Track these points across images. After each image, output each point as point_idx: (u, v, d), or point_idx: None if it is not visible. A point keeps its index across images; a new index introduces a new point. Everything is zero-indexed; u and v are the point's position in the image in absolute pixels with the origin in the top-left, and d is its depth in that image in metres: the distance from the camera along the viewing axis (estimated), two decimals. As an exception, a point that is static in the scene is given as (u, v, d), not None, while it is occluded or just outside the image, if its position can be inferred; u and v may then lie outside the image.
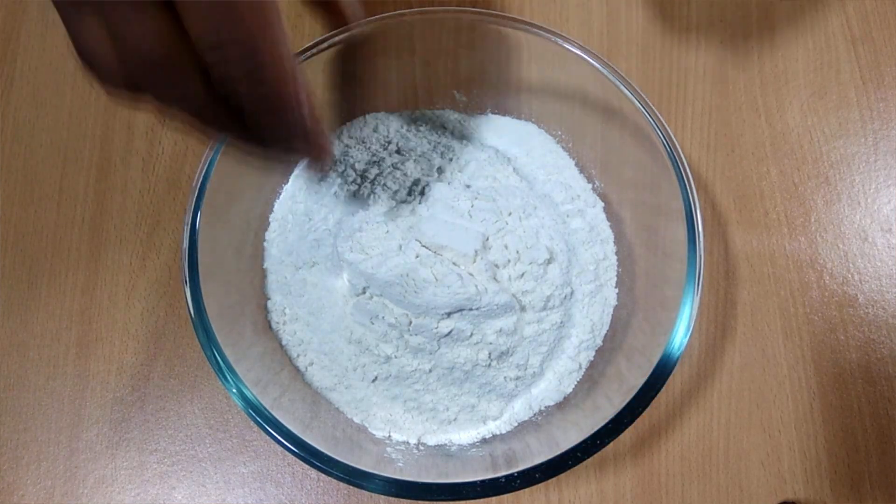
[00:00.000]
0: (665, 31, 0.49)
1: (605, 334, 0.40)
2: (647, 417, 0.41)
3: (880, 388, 0.42)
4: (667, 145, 0.37)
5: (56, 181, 0.46)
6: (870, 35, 0.48)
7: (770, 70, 0.48)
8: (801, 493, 0.40)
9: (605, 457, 0.41)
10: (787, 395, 0.42)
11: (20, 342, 0.43)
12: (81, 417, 0.42)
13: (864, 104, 0.47)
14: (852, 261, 0.44)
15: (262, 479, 0.41)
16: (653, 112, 0.37)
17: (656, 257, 0.40)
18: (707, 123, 0.47)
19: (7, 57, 0.48)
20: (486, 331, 0.37)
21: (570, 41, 0.38)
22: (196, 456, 0.41)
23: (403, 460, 0.37)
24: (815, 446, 0.41)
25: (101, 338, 0.43)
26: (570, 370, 0.39)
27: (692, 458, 0.41)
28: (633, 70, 0.48)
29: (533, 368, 0.38)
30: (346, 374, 0.38)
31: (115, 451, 0.41)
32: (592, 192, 0.43)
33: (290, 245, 0.41)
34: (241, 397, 0.34)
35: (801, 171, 0.46)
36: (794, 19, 0.49)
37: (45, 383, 0.42)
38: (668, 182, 0.37)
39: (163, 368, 0.42)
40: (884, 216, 0.45)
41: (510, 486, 0.33)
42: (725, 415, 0.41)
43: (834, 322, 0.43)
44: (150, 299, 0.43)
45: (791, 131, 0.47)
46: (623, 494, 0.40)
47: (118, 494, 0.41)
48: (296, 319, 0.40)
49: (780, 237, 0.44)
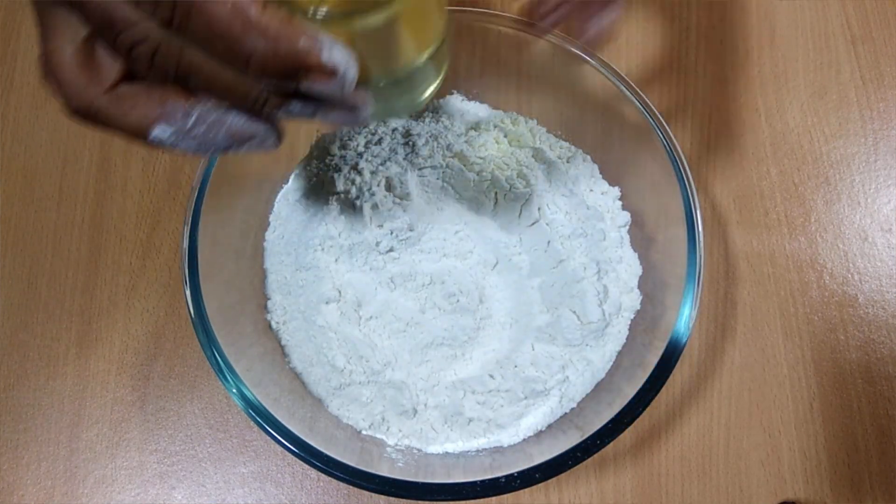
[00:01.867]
0: (665, 31, 0.49)
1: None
2: (647, 417, 0.41)
3: (880, 388, 0.42)
4: (667, 145, 0.37)
5: (56, 181, 0.46)
6: (870, 35, 0.48)
7: (770, 70, 0.48)
8: (801, 493, 0.40)
9: (605, 457, 0.41)
10: (787, 395, 0.42)
11: (20, 342, 0.43)
12: (81, 417, 0.42)
13: (864, 104, 0.47)
14: (852, 261, 0.44)
15: (262, 479, 0.41)
16: (653, 112, 0.37)
17: (656, 257, 0.40)
18: (707, 123, 0.47)
19: (7, 57, 0.48)
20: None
21: (570, 41, 0.38)
22: (196, 456, 0.41)
23: (403, 460, 0.37)
24: (815, 446, 0.41)
25: (101, 338, 0.43)
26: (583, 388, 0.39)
27: (692, 458, 0.41)
28: (633, 70, 0.48)
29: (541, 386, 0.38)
30: (345, 374, 0.38)
31: (115, 451, 0.41)
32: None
33: (290, 245, 0.41)
34: (241, 397, 0.34)
35: (801, 171, 0.46)
36: (794, 19, 0.49)
37: (45, 383, 0.42)
38: (668, 182, 0.37)
39: (163, 368, 0.42)
40: (884, 216, 0.45)
41: (510, 486, 0.33)
42: (725, 415, 0.41)
43: (834, 322, 0.43)
44: (150, 299, 0.43)
45: (791, 131, 0.46)
46: (623, 494, 0.40)
47: (118, 494, 0.40)
48: (296, 319, 0.40)
49: (780, 237, 0.44)
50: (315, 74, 0.20)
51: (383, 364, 0.38)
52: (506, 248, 0.40)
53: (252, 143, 0.24)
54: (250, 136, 0.24)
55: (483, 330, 0.39)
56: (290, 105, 0.23)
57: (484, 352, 0.39)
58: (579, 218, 0.40)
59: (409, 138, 0.41)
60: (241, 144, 0.24)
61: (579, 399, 0.38)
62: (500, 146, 0.42)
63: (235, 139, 0.24)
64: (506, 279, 0.40)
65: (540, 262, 0.39)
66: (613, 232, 0.41)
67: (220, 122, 0.23)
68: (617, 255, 0.40)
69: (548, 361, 0.38)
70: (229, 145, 0.24)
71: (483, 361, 0.39)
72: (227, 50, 0.20)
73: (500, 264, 0.40)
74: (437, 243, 0.39)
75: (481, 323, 0.39)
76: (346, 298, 0.39)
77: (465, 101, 0.44)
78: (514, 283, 0.40)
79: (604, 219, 0.41)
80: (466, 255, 0.40)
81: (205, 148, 0.24)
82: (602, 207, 0.41)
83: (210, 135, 0.24)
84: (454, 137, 0.41)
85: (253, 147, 0.24)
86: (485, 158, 0.40)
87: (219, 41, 0.20)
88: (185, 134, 0.23)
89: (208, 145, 0.24)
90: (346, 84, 0.21)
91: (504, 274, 0.40)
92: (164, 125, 0.23)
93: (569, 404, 0.38)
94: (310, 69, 0.20)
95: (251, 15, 0.20)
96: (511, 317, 0.40)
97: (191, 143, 0.24)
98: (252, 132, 0.24)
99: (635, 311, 0.40)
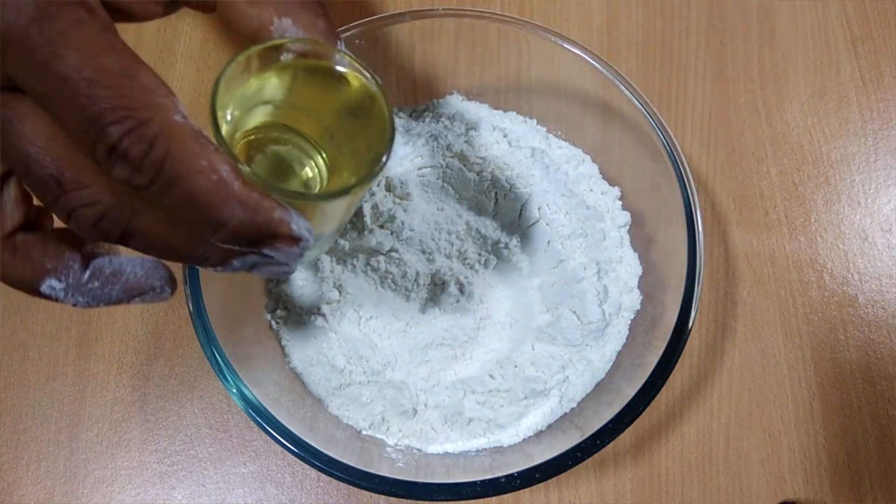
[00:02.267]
0: (665, 31, 0.49)
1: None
2: (647, 417, 0.41)
3: (880, 388, 0.42)
4: (667, 145, 0.37)
5: (56, 181, 0.46)
6: (870, 35, 0.48)
7: (770, 70, 0.48)
8: (801, 493, 0.40)
9: (605, 457, 0.41)
10: (787, 395, 0.42)
11: (20, 342, 0.43)
12: (81, 417, 0.42)
13: (864, 104, 0.47)
14: (852, 261, 0.44)
15: (262, 479, 0.41)
16: (653, 112, 0.37)
17: (656, 257, 0.40)
18: (707, 123, 0.47)
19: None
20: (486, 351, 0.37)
21: (570, 41, 0.38)
22: (196, 456, 0.41)
23: (403, 460, 0.37)
24: (815, 446, 0.41)
25: (101, 338, 0.43)
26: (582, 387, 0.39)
27: (692, 458, 0.41)
28: (633, 70, 0.48)
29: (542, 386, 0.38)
30: (345, 374, 0.38)
31: (115, 451, 0.41)
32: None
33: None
34: (241, 397, 0.34)
35: (801, 171, 0.46)
36: (794, 19, 0.49)
37: (45, 383, 0.42)
38: (668, 182, 0.37)
39: (163, 368, 0.42)
40: (884, 216, 0.45)
41: (510, 486, 0.33)
42: (725, 415, 0.41)
43: (834, 322, 0.43)
44: (150, 299, 0.43)
45: (791, 131, 0.47)
46: (623, 494, 0.40)
47: (118, 494, 0.41)
48: (296, 319, 0.40)
49: (780, 237, 0.44)
50: (283, 240, 0.22)
51: (383, 364, 0.38)
52: (506, 248, 0.40)
53: (147, 296, 0.24)
54: (149, 289, 0.24)
55: (483, 330, 0.39)
56: (232, 263, 0.23)
57: (484, 352, 0.39)
58: (579, 218, 0.40)
59: (409, 138, 0.41)
60: (135, 297, 0.24)
61: (579, 399, 0.38)
62: (499, 146, 0.42)
63: (132, 293, 0.24)
64: (506, 279, 0.40)
65: (540, 262, 0.39)
66: (613, 232, 0.41)
67: (116, 276, 0.23)
68: (617, 255, 0.40)
69: (548, 361, 0.38)
70: (123, 299, 0.24)
71: (483, 361, 0.39)
72: (199, 217, 0.20)
73: (500, 264, 0.40)
74: (436, 243, 0.39)
75: (481, 323, 0.39)
76: (346, 298, 0.39)
77: (465, 101, 0.44)
78: (514, 283, 0.40)
79: (604, 219, 0.41)
80: (466, 255, 0.40)
81: (96, 302, 0.24)
82: (602, 207, 0.41)
83: (105, 289, 0.24)
84: (454, 137, 0.41)
85: (147, 299, 0.24)
86: (485, 158, 0.40)
87: (194, 209, 0.20)
88: (77, 289, 0.23)
89: (100, 299, 0.24)
90: (306, 249, 0.22)
91: (504, 274, 0.40)
92: (55, 280, 0.23)
93: (569, 404, 0.38)
94: (278, 237, 0.21)
95: (234, 188, 0.20)
96: (511, 317, 0.40)
97: (81, 298, 0.23)
98: (150, 285, 0.24)
99: (635, 311, 0.40)
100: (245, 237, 0.21)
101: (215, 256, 0.22)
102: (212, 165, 0.20)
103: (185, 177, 0.19)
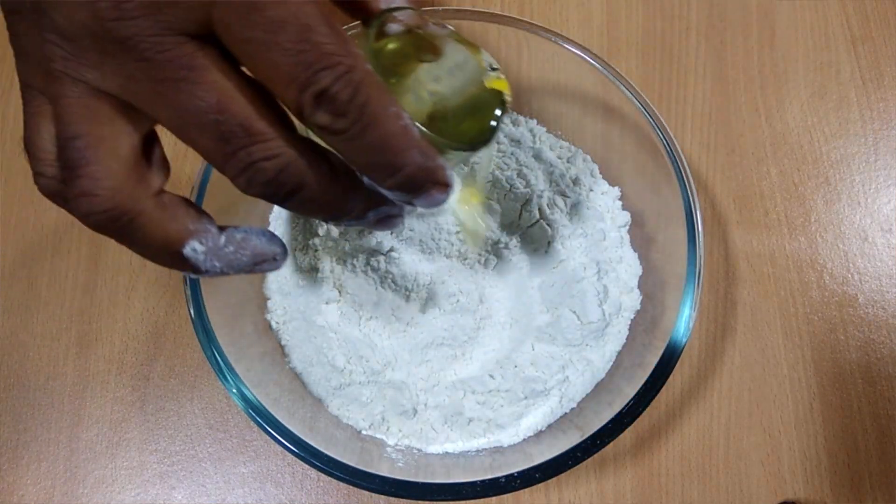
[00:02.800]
0: (665, 31, 0.49)
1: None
2: (647, 417, 0.41)
3: (880, 388, 0.42)
4: (667, 145, 0.37)
5: (56, 181, 0.46)
6: (870, 35, 0.48)
7: (770, 70, 0.48)
8: (801, 493, 0.40)
9: (605, 457, 0.41)
10: (787, 395, 0.42)
11: (20, 342, 0.43)
12: (81, 417, 0.42)
13: (864, 104, 0.47)
14: (852, 261, 0.44)
15: (262, 479, 0.41)
16: (653, 112, 0.37)
17: (656, 257, 0.40)
18: (707, 123, 0.47)
19: (7, 57, 0.48)
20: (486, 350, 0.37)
21: (569, 41, 0.38)
22: (196, 456, 0.41)
23: (403, 460, 0.37)
24: (815, 446, 0.41)
25: (101, 338, 0.43)
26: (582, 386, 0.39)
27: (692, 458, 0.41)
28: (633, 70, 0.48)
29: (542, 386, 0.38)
30: (345, 374, 0.38)
31: (115, 451, 0.41)
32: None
33: (290, 245, 0.41)
34: (241, 397, 0.34)
35: (801, 171, 0.46)
36: (794, 19, 0.49)
37: (45, 383, 0.42)
38: (668, 182, 0.37)
39: (163, 368, 0.42)
40: (884, 216, 0.45)
41: (510, 486, 0.33)
42: (725, 415, 0.41)
43: (834, 322, 0.43)
44: (150, 299, 0.43)
45: (791, 131, 0.46)
46: (623, 494, 0.40)
47: (118, 494, 0.41)
48: (296, 319, 0.40)
49: (780, 237, 0.44)
50: (439, 187, 0.23)
51: (383, 364, 0.38)
52: (506, 248, 0.40)
53: (267, 263, 0.25)
54: (271, 256, 0.25)
55: (483, 330, 0.39)
56: (368, 215, 0.25)
57: (484, 352, 0.39)
58: (579, 218, 0.40)
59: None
60: (260, 265, 0.25)
61: (579, 399, 0.38)
62: (499, 146, 0.42)
63: (257, 258, 0.25)
64: (506, 279, 0.40)
65: (540, 262, 0.39)
66: (613, 232, 0.41)
67: (245, 242, 0.24)
68: (617, 255, 0.40)
69: (548, 361, 0.38)
70: (249, 265, 0.25)
71: (483, 361, 0.39)
72: (384, 160, 0.21)
73: (500, 264, 0.40)
74: (437, 243, 0.39)
75: (481, 323, 0.39)
76: (346, 298, 0.39)
77: None
78: (514, 283, 0.40)
79: (604, 219, 0.41)
80: (466, 254, 0.40)
81: (228, 268, 0.24)
82: (602, 207, 0.41)
83: (237, 255, 0.24)
84: None
85: (266, 268, 0.25)
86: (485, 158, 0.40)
87: (382, 152, 0.21)
88: (216, 252, 0.24)
89: (231, 265, 0.24)
90: (450, 196, 0.24)
91: (504, 274, 0.40)
92: (197, 242, 0.23)
93: (569, 404, 0.38)
94: (437, 184, 0.23)
95: (415, 134, 0.22)
96: (511, 317, 0.40)
97: (218, 263, 0.24)
98: (273, 252, 0.25)
99: (635, 311, 0.40)
100: (415, 181, 0.22)
101: (358, 208, 0.24)
102: (398, 112, 0.21)
103: (381, 121, 0.21)
